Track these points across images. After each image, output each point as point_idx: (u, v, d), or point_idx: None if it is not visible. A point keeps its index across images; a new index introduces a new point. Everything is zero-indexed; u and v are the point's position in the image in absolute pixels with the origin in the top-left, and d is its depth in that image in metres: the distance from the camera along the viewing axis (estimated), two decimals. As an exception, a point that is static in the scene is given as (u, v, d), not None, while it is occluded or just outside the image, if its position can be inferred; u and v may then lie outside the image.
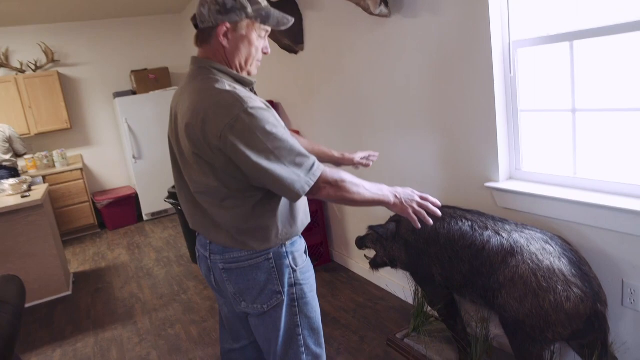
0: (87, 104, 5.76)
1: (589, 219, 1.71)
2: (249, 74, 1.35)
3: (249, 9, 1.24)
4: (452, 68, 2.09)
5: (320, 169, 1.25)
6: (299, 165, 1.22)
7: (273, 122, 1.21)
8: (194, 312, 3.12)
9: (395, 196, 1.34)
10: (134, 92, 5.68)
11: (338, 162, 1.84)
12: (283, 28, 1.33)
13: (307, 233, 3.46)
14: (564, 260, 1.60)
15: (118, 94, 5.52)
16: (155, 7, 5.64)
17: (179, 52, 6.11)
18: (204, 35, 1.30)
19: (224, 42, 1.27)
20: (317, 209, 3.45)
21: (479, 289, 1.80)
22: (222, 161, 1.22)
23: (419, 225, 1.36)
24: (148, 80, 5.66)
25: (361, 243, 2.36)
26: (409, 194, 1.37)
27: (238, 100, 1.18)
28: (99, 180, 5.92)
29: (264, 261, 1.37)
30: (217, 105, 1.19)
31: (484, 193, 2.09)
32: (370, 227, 2.21)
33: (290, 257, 1.40)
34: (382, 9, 2.19)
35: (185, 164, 1.35)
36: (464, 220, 1.88)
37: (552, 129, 1.90)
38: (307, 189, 1.23)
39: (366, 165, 1.89)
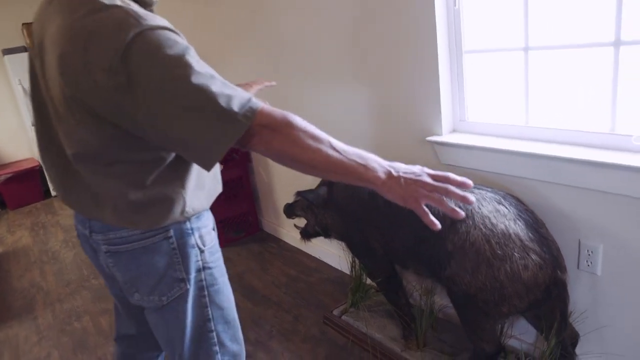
0: None
1: (543, 174, 1.50)
2: None
3: None
4: (387, 3, 1.76)
5: (258, 105, 0.84)
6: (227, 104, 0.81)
7: (183, 45, 0.82)
8: (106, 300, 2.71)
9: (390, 174, 0.87)
10: (26, 49, 4.91)
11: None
12: None
13: (232, 201, 3.11)
14: (519, 223, 1.38)
15: (7, 51, 4.75)
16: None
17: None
18: None
19: None
20: (242, 173, 3.09)
21: (424, 259, 1.56)
22: (110, 106, 0.85)
23: (438, 225, 0.88)
24: (43, 34, 4.89)
25: (290, 211, 2.06)
26: (415, 172, 0.88)
27: (134, 17, 0.82)
28: (-7, 153, 5.16)
29: (161, 241, 1.06)
30: (104, 24, 0.82)
31: (426, 148, 1.82)
32: (298, 193, 1.90)
33: (197, 235, 1.10)
34: None
35: (56, 114, 0.96)
36: (405, 182, 1.61)
37: (501, 72, 1.65)
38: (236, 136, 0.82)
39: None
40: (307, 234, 2.02)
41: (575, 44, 1.43)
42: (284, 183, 2.87)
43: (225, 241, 3.12)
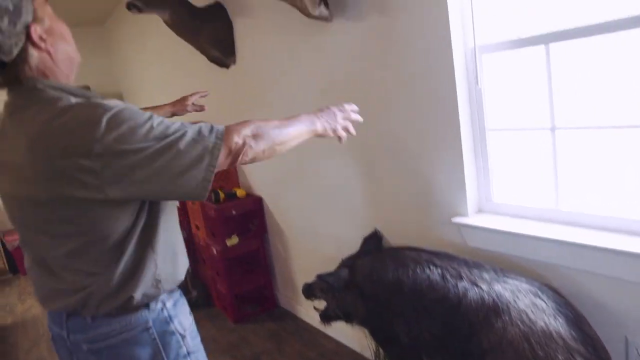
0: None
1: (579, 262, 1.39)
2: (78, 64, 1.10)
3: None
4: (406, 79, 1.74)
5: (219, 129, 0.98)
6: (197, 141, 0.94)
7: (141, 113, 0.94)
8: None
9: (324, 121, 1.21)
10: None
11: (170, 112, 1.75)
12: None
13: (248, 274, 3.02)
14: (560, 319, 1.27)
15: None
16: (74, 19, 5.07)
17: (103, 68, 5.53)
18: (20, 63, 0.95)
19: (47, 46, 0.98)
20: (258, 246, 3.01)
21: (454, 353, 1.44)
22: (95, 187, 0.90)
23: (345, 137, 1.27)
24: (67, 100, 5.04)
25: (309, 292, 1.96)
26: (333, 112, 1.25)
27: (96, 107, 0.91)
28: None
29: (141, 333, 1.05)
30: (70, 123, 0.89)
31: (451, 229, 1.74)
32: (319, 277, 1.81)
33: (176, 322, 1.11)
34: (322, 9, 1.83)
35: (36, 221, 1.01)
36: (432, 267, 1.52)
37: (527, 152, 1.59)
38: (216, 163, 0.95)
39: (202, 108, 1.85)
40: (327, 317, 1.91)
41: (607, 125, 1.38)
42: (302, 256, 2.78)
43: (240, 317, 2.99)
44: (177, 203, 1.16)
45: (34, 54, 0.97)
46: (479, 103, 1.61)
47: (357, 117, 1.30)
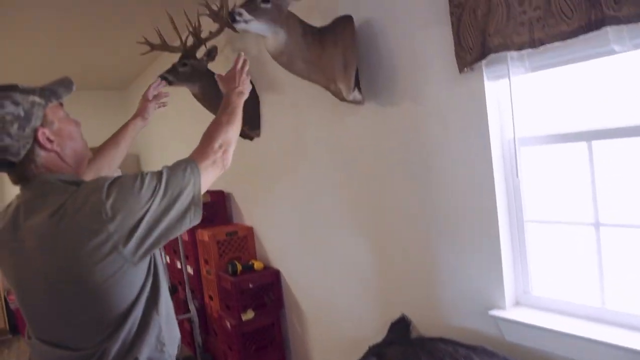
0: (6, 186, 5.08)
1: (631, 368, 1.31)
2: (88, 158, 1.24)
3: (37, 98, 1.07)
4: (442, 168, 1.74)
5: (193, 166, 1.13)
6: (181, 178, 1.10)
7: (136, 174, 1.07)
8: None
9: (240, 89, 1.48)
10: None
11: (139, 117, 1.78)
12: (71, 87, 1.17)
13: (262, 351, 2.88)
14: None
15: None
16: (98, 83, 5.25)
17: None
18: (28, 163, 1.07)
19: (54, 146, 1.09)
20: (273, 321, 2.91)
21: None
22: (113, 250, 1.00)
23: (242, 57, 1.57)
24: (85, 159, 5.10)
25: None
26: (234, 78, 1.51)
27: (96, 181, 1.06)
28: (17, 273, 5.09)
29: None
30: (77, 201, 1.01)
31: (488, 322, 1.66)
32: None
33: None
34: (356, 94, 1.86)
35: (51, 307, 1.06)
36: (470, 365, 1.44)
37: (569, 246, 1.54)
38: (199, 187, 1.12)
39: (164, 104, 1.88)
40: (351, 411, 1.79)
41: (654, 225, 1.34)
42: (319, 335, 2.66)
43: (251, 395, 2.83)
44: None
45: (40, 154, 1.07)
46: (517, 194, 1.59)
47: (245, 68, 1.56)
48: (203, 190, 1.14)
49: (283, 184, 2.74)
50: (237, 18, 1.68)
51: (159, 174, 1.07)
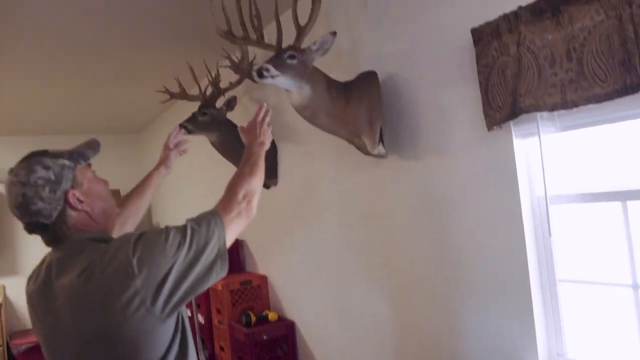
0: (19, 227, 5.04)
1: None
2: (116, 215, 1.30)
3: (67, 161, 1.13)
4: (467, 224, 1.71)
5: (217, 219, 1.13)
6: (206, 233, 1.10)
7: (158, 231, 1.08)
8: None
9: (260, 144, 1.46)
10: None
11: (162, 166, 1.77)
12: (98, 148, 1.23)
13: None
14: None
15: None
16: (114, 127, 5.33)
17: (133, 174, 5.65)
18: (60, 224, 1.11)
19: (84, 206, 1.13)
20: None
21: None
22: (141, 306, 1.00)
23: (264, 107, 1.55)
24: (96, 203, 5.10)
25: None
26: (255, 128, 1.50)
27: (123, 238, 1.09)
28: (21, 318, 4.99)
29: None
30: (104, 259, 1.03)
31: (521, 386, 1.59)
32: None
33: None
34: (380, 148, 1.86)
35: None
36: None
37: (606, 307, 1.49)
38: (224, 240, 1.12)
39: (184, 150, 1.85)
40: None
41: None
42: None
43: None
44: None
45: (71, 214, 1.11)
46: (549, 252, 1.56)
47: (267, 118, 1.55)
48: (229, 243, 1.14)
49: (299, 233, 2.71)
50: (265, 74, 1.71)
51: (184, 228, 1.08)
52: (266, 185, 2.94)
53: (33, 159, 1.09)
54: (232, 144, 2.74)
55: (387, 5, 1.95)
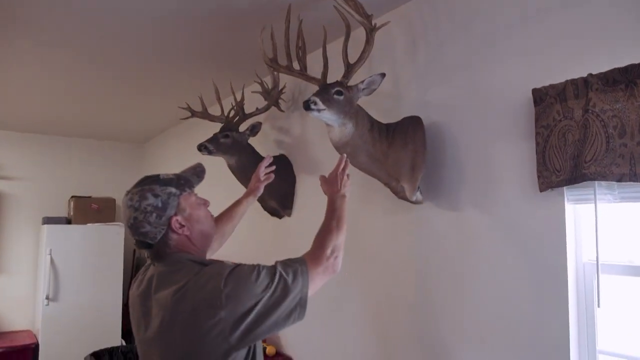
0: (8, 224, 4.90)
1: None
2: (214, 234, 1.43)
3: (174, 189, 1.27)
4: (505, 284, 1.66)
5: (304, 269, 1.22)
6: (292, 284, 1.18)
7: (250, 268, 1.19)
8: None
9: (341, 196, 1.51)
10: (68, 221, 4.91)
11: (252, 195, 1.86)
12: (203, 175, 1.38)
13: None
14: None
15: (49, 220, 4.71)
16: (120, 134, 5.23)
17: (131, 184, 5.54)
18: (162, 245, 1.26)
19: (184, 231, 1.26)
20: None
21: None
22: (221, 336, 1.13)
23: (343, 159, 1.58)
24: (89, 210, 4.94)
25: None
26: (336, 180, 1.54)
27: (218, 267, 1.19)
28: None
29: None
30: (198, 283, 1.15)
31: None
32: None
33: None
34: (418, 195, 1.82)
35: None
36: None
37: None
38: (307, 291, 1.20)
39: (270, 177, 1.92)
40: None
41: None
42: None
43: None
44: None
45: (173, 237, 1.26)
46: (591, 322, 1.51)
47: (347, 169, 1.58)
48: (311, 293, 1.21)
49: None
50: (312, 107, 1.67)
51: (273, 270, 1.18)
52: (279, 215, 2.86)
53: (146, 185, 1.26)
54: (250, 169, 2.67)
55: (438, 53, 1.94)
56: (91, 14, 2.24)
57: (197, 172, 1.37)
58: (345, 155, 1.59)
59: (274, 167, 1.95)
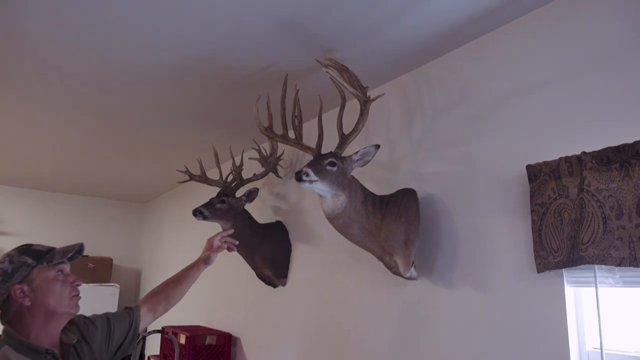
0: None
1: None
2: (68, 314, 1.38)
3: (30, 260, 1.32)
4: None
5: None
6: None
7: None
8: None
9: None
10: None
11: (202, 263, 1.79)
12: (77, 256, 1.41)
13: None
14: None
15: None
16: (120, 194, 5.25)
17: (129, 244, 5.49)
18: (4, 310, 1.31)
19: (26, 301, 1.30)
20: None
21: None
22: None
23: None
24: (85, 269, 4.87)
25: None
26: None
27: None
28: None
29: None
30: None
31: None
32: None
33: None
34: (413, 271, 1.75)
35: None
36: None
37: None
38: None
39: (231, 248, 1.90)
40: None
41: None
42: None
43: None
44: None
45: (14, 305, 1.30)
46: (598, 413, 1.38)
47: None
48: None
49: (299, 338, 2.50)
50: (304, 178, 1.65)
51: None
52: (273, 284, 2.77)
53: (13, 251, 1.34)
54: (244, 237, 2.63)
55: (433, 125, 1.94)
56: (92, 78, 2.30)
57: (71, 250, 1.39)
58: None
59: (236, 242, 1.91)
